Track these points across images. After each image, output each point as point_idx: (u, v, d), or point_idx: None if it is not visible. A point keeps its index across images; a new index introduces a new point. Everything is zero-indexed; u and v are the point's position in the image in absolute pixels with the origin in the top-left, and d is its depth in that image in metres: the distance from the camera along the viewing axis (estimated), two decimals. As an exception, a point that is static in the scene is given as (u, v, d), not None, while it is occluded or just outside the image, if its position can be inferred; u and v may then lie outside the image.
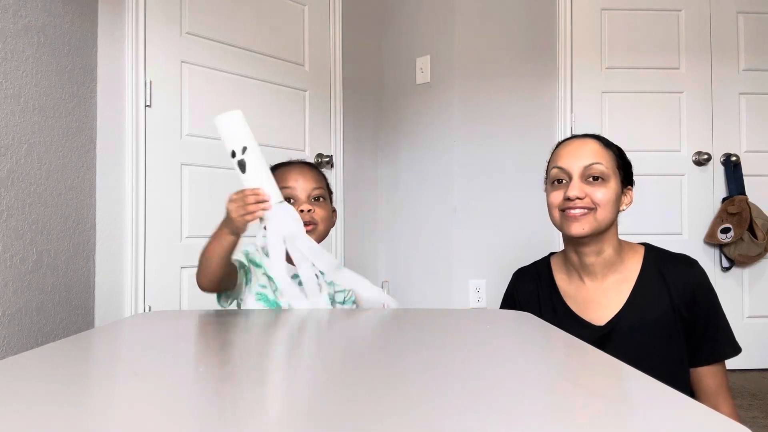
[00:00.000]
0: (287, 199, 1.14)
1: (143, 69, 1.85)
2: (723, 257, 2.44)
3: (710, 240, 2.41)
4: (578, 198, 1.02)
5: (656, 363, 0.98)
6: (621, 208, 1.07)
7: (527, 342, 0.71)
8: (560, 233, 1.11)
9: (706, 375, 1.04)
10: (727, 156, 2.46)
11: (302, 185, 1.14)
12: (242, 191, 0.86)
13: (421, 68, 2.53)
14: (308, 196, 1.14)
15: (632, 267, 1.07)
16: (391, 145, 2.68)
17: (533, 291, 1.15)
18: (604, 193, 1.02)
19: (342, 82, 2.52)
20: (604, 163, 1.03)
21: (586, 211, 1.03)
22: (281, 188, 1.13)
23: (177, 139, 1.95)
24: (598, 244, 1.05)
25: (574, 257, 1.09)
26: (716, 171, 2.48)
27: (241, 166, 0.85)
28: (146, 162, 1.86)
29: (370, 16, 2.71)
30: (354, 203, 2.58)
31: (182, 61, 1.97)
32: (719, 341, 1.03)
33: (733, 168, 2.44)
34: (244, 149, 0.85)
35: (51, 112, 1.54)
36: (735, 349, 1.03)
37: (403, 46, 2.63)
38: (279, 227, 0.86)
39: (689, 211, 2.46)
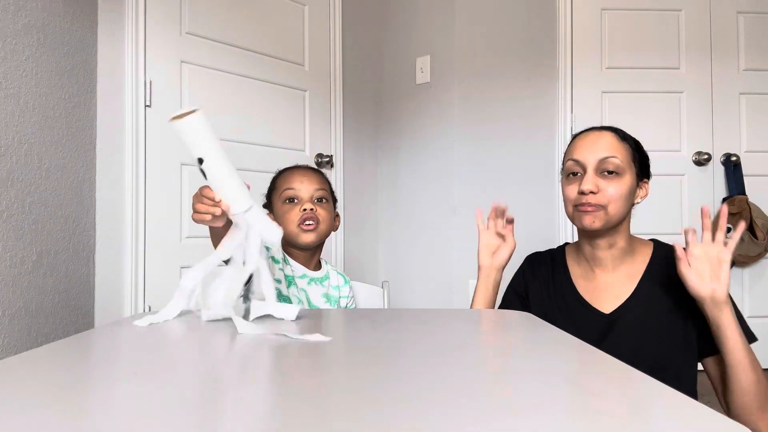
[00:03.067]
0: (291, 199, 1.17)
1: (143, 69, 1.85)
2: (723, 257, 2.43)
3: (710, 240, 2.41)
4: (591, 192, 1.02)
5: (659, 354, 1.01)
6: (635, 201, 1.08)
7: (527, 342, 0.71)
8: (568, 231, 1.12)
9: (714, 364, 1.03)
10: (727, 156, 2.46)
11: (306, 186, 1.18)
12: (201, 189, 0.82)
13: (421, 68, 2.53)
14: (311, 197, 1.18)
15: (642, 259, 1.09)
16: (391, 145, 2.68)
17: (546, 273, 1.17)
18: (617, 188, 1.02)
19: (342, 82, 2.52)
20: (619, 156, 1.03)
21: (597, 206, 1.03)
22: (285, 189, 1.16)
23: (177, 139, 1.95)
24: (611, 236, 1.07)
25: (587, 249, 1.10)
26: (716, 171, 2.48)
27: (203, 174, 0.80)
28: (146, 162, 1.86)
29: (370, 16, 2.71)
30: (354, 203, 2.58)
31: (182, 61, 1.97)
32: None
33: (733, 168, 2.44)
34: (201, 161, 0.79)
35: (51, 112, 1.54)
36: (749, 337, 1.00)
37: (403, 46, 2.63)
38: (257, 232, 0.80)
39: (689, 211, 2.46)
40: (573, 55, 2.50)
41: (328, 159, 2.42)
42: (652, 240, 1.13)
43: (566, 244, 1.23)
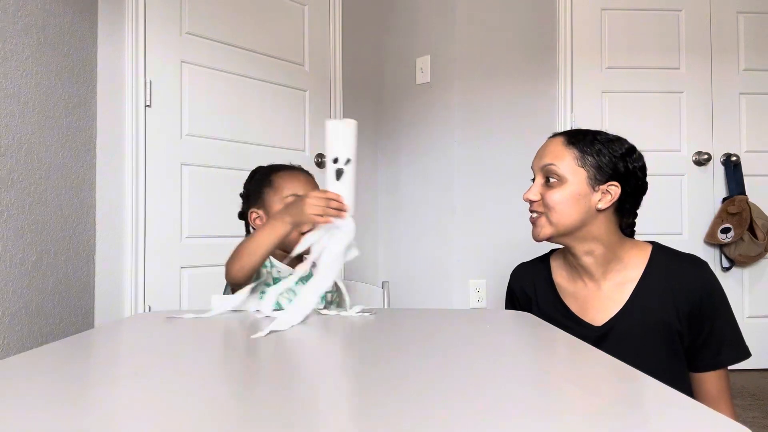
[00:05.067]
0: None
1: (143, 69, 1.85)
2: (723, 257, 2.43)
3: (710, 240, 2.41)
4: (530, 200, 1.05)
5: (653, 366, 0.97)
6: (597, 207, 1.00)
7: (527, 342, 0.71)
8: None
9: (707, 380, 1.01)
10: (728, 156, 2.46)
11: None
12: (326, 193, 0.89)
13: (421, 68, 2.53)
14: None
15: (635, 267, 1.03)
16: (391, 145, 2.68)
17: (530, 286, 1.14)
18: (554, 195, 1.01)
19: (342, 82, 2.52)
20: (557, 163, 1.02)
21: (537, 214, 1.04)
22: (292, 194, 1.16)
23: (177, 139, 1.96)
24: (582, 244, 1.03)
25: (570, 257, 1.07)
26: (716, 171, 2.48)
27: (339, 174, 0.89)
28: (146, 162, 1.86)
29: (370, 16, 2.71)
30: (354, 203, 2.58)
31: (182, 61, 1.97)
32: (723, 347, 0.99)
33: (733, 168, 2.44)
34: (348, 161, 0.89)
35: (51, 112, 1.54)
36: (740, 355, 1.00)
37: (403, 46, 2.63)
38: (343, 239, 0.89)
39: (689, 211, 2.46)
40: (573, 55, 2.50)
41: (328, 159, 2.42)
42: (651, 242, 1.07)
43: (552, 251, 1.17)
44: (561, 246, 1.13)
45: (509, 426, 0.37)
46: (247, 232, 1.24)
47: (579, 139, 1.03)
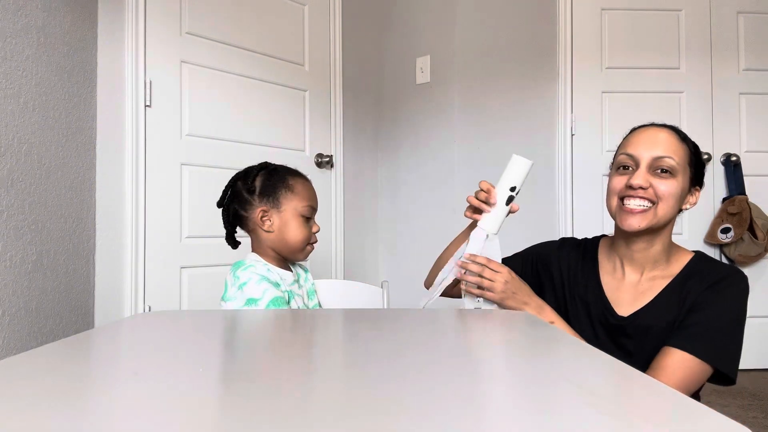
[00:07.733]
0: (309, 216, 1.17)
1: (143, 69, 1.85)
2: (723, 257, 2.44)
3: (710, 240, 2.41)
4: (641, 187, 0.96)
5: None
6: (684, 207, 1.02)
7: (528, 342, 0.71)
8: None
9: (669, 355, 0.92)
10: (728, 156, 2.46)
11: (317, 208, 1.21)
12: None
13: (421, 68, 2.53)
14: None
15: (673, 270, 1.04)
16: (391, 145, 2.68)
17: (576, 260, 1.14)
18: (669, 186, 0.97)
19: (342, 82, 2.52)
20: (675, 158, 0.97)
21: (646, 206, 0.98)
22: (309, 204, 1.16)
23: (177, 139, 1.96)
24: (650, 238, 1.02)
25: (622, 247, 1.06)
26: (716, 171, 2.48)
27: (509, 200, 1.05)
28: (146, 162, 1.86)
29: (370, 16, 2.71)
30: (354, 203, 2.58)
31: (182, 61, 1.97)
32: (706, 341, 0.94)
33: (733, 168, 2.44)
34: (518, 190, 1.04)
35: (51, 112, 1.54)
36: (721, 364, 0.92)
37: (403, 46, 2.63)
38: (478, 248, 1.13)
39: (689, 211, 2.45)
40: (573, 55, 2.50)
41: (328, 159, 2.42)
42: (695, 252, 1.08)
43: (603, 236, 1.18)
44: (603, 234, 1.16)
45: (508, 426, 0.37)
46: (234, 224, 1.18)
47: (687, 138, 1.03)
